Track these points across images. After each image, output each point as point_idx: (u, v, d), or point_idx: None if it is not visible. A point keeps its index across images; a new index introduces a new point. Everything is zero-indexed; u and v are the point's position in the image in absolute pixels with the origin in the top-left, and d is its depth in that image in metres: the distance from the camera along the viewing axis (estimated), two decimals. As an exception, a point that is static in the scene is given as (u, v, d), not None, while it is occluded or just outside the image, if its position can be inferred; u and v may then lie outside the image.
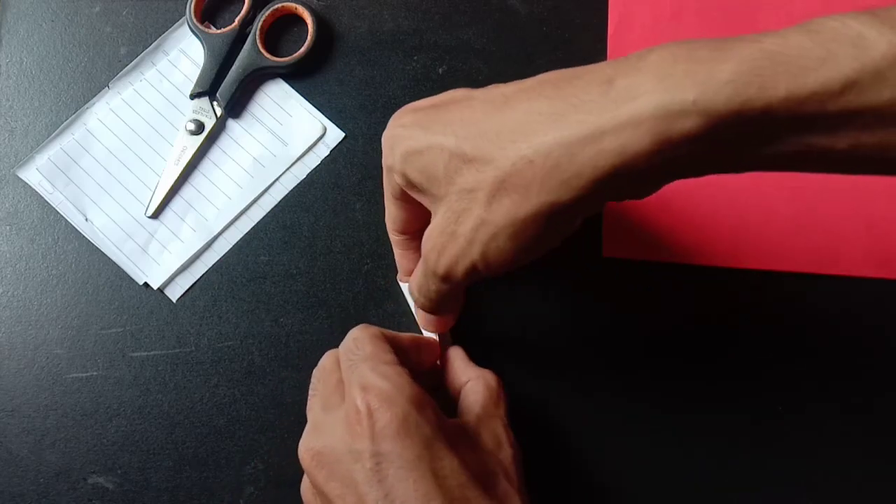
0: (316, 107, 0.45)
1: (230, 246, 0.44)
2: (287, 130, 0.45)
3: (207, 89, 0.45)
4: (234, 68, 0.45)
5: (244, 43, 0.45)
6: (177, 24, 0.46)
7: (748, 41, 0.24)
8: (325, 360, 0.35)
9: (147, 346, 0.42)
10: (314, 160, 0.45)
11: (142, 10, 0.46)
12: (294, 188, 0.44)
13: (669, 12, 0.46)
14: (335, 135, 0.45)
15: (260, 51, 0.45)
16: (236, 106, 0.45)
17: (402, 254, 0.39)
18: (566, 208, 0.27)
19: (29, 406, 0.42)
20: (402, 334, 0.36)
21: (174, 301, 0.43)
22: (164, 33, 0.46)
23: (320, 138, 0.45)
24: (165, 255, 0.43)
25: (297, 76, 0.46)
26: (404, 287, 0.41)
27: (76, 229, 0.44)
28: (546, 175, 0.26)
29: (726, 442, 0.41)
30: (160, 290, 0.43)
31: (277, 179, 0.44)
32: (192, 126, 0.45)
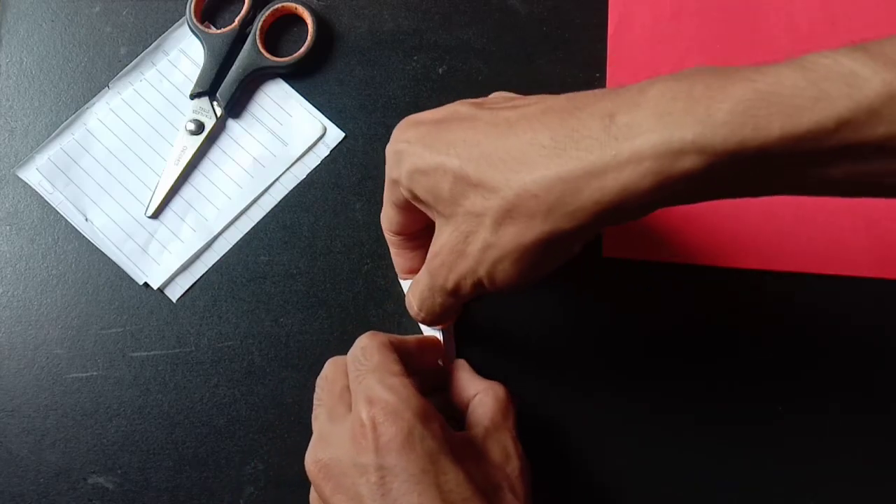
0: (316, 107, 0.45)
1: (230, 246, 0.44)
2: (287, 130, 0.45)
3: (207, 89, 0.45)
4: (234, 68, 0.45)
5: (244, 43, 0.45)
6: (177, 24, 0.46)
7: (743, 80, 0.25)
8: (329, 369, 0.35)
9: (147, 346, 0.42)
10: (314, 160, 0.45)
11: (142, 10, 0.46)
12: (294, 188, 0.44)
13: (669, 12, 0.46)
14: (335, 135, 0.45)
15: (260, 51, 0.45)
16: (236, 106, 0.45)
17: (399, 253, 0.39)
18: (568, 235, 0.28)
19: (29, 406, 0.42)
20: (408, 337, 0.36)
21: (174, 301, 0.43)
22: (164, 33, 0.46)
23: (320, 138, 0.45)
24: (165, 255, 0.43)
25: (297, 76, 0.46)
26: (404, 284, 0.41)
27: (76, 229, 0.44)
28: (549, 208, 0.28)
29: (726, 442, 0.41)
30: (160, 290, 0.43)
31: (277, 179, 0.44)
32: (192, 126, 0.45)
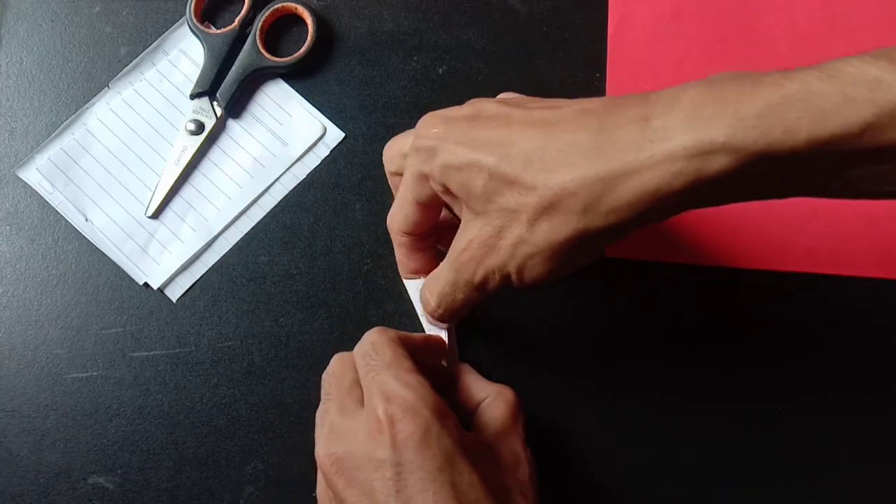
0: (316, 107, 0.45)
1: (230, 246, 0.44)
2: (287, 130, 0.45)
3: (207, 89, 0.45)
4: (234, 68, 0.45)
5: (244, 43, 0.45)
6: (177, 24, 0.46)
7: (771, 85, 0.27)
8: (336, 364, 0.35)
9: (147, 346, 0.42)
10: (314, 160, 0.45)
11: (142, 10, 0.46)
12: (294, 188, 0.44)
13: (669, 12, 0.46)
14: (335, 135, 0.45)
15: (260, 51, 0.45)
16: (236, 106, 0.45)
17: (408, 254, 0.39)
18: (599, 234, 0.29)
19: (29, 406, 0.42)
20: (414, 335, 0.36)
21: (174, 301, 0.43)
22: (164, 33, 0.46)
23: (320, 138, 0.45)
24: (165, 255, 0.43)
25: (297, 76, 0.46)
26: (408, 284, 0.41)
27: (76, 229, 0.44)
28: (585, 206, 0.29)
29: (726, 442, 0.41)
30: (160, 290, 0.43)
31: (277, 179, 0.44)
32: (192, 126, 0.45)
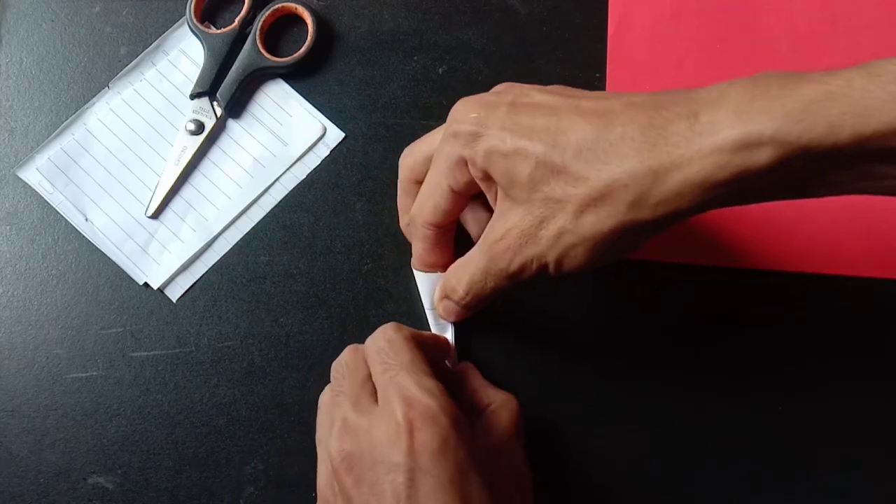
0: (316, 107, 0.45)
1: (230, 246, 0.44)
2: (287, 130, 0.45)
3: (207, 89, 0.45)
4: (234, 68, 0.45)
5: (244, 43, 0.45)
6: (177, 24, 0.46)
7: (814, 82, 0.27)
8: (349, 356, 0.35)
9: (147, 346, 0.42)
10: (314, 160, 0.45)
11: (142, 10, 0.46)
12: (294, 188, 0.44)
13: (669, 12, 0.46)
14: (335, 135, 0.45)
15: (260, 51, 0.45)
16: (236, 106, 0.45)
17: (431, 248, 0.38)
18: (644, 226, 0.30)
19: (29, 406, 0.42)
20: (425, 333, 0.37)
21: (174, 301, 0.43)
22: (164, 33, 0.46)
23: (320, 138, 0.45)
24: (165, 255, 0.43)
25: (297, 76, 0.46)
26: (421, 277, 0.40)
27: (76, 229, 0.44)
28: (635, 198, 0.29)
29: (726, 441, 0.41)
30: (160, 290, 0.43)
31: (277, 179, 0.44)
32: (192, 126, 0.45)
